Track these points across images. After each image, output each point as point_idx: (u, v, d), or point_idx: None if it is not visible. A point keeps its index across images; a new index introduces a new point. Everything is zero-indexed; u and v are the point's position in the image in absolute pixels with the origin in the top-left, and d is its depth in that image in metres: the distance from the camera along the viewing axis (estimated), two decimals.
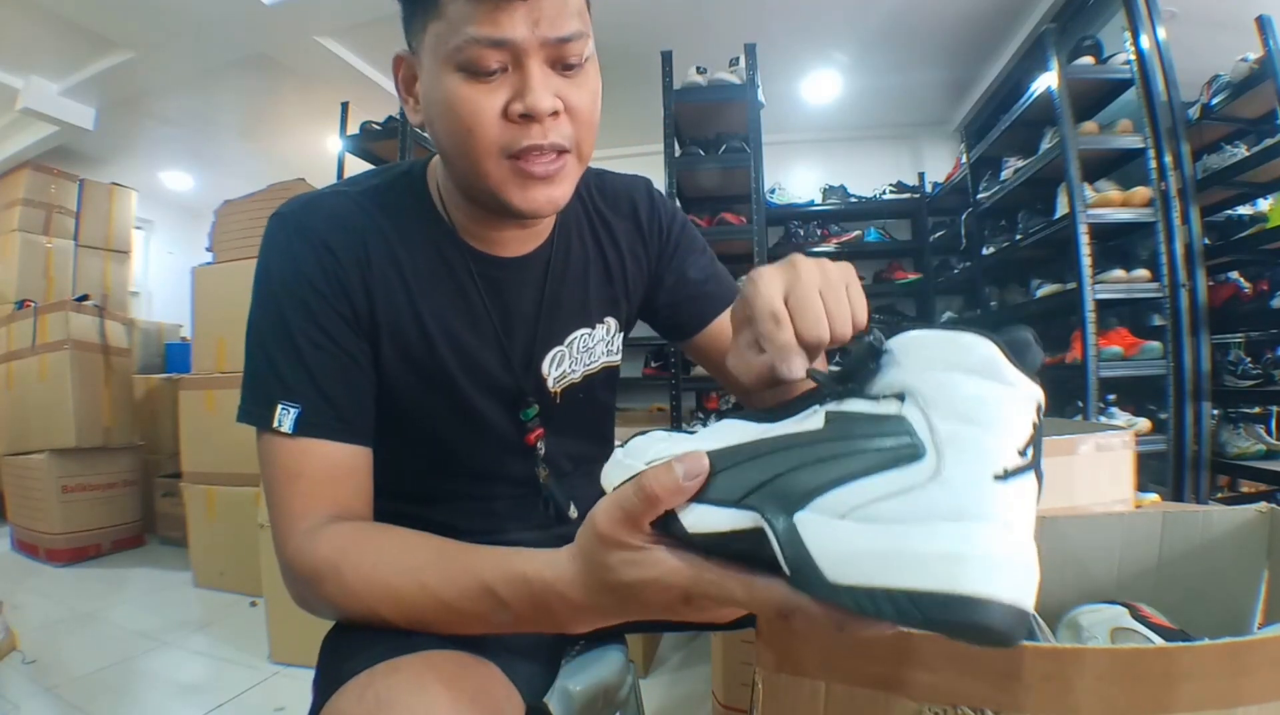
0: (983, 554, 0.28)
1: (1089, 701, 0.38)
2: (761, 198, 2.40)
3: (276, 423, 0.54)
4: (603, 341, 0.73)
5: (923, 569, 0.28)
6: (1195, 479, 2.07)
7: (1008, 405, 0.31)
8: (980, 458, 0.30)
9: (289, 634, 1.72)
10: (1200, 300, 2.09)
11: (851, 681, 0.44)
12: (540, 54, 0.51)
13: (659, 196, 0.77)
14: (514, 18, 0.49)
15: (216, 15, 2.71)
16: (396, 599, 0.48)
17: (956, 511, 0.29)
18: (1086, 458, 1.20)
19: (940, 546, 0.28)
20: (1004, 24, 3.02)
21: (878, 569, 0.29)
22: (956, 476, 0.29)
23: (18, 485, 2.85)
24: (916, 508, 0.29)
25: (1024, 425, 0.31)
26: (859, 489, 0.31)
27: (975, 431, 0.30)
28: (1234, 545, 0.67)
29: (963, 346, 0.32)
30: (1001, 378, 0.31)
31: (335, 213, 0.60)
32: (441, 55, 0.51)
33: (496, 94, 0.51)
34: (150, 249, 5.31)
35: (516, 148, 0.52)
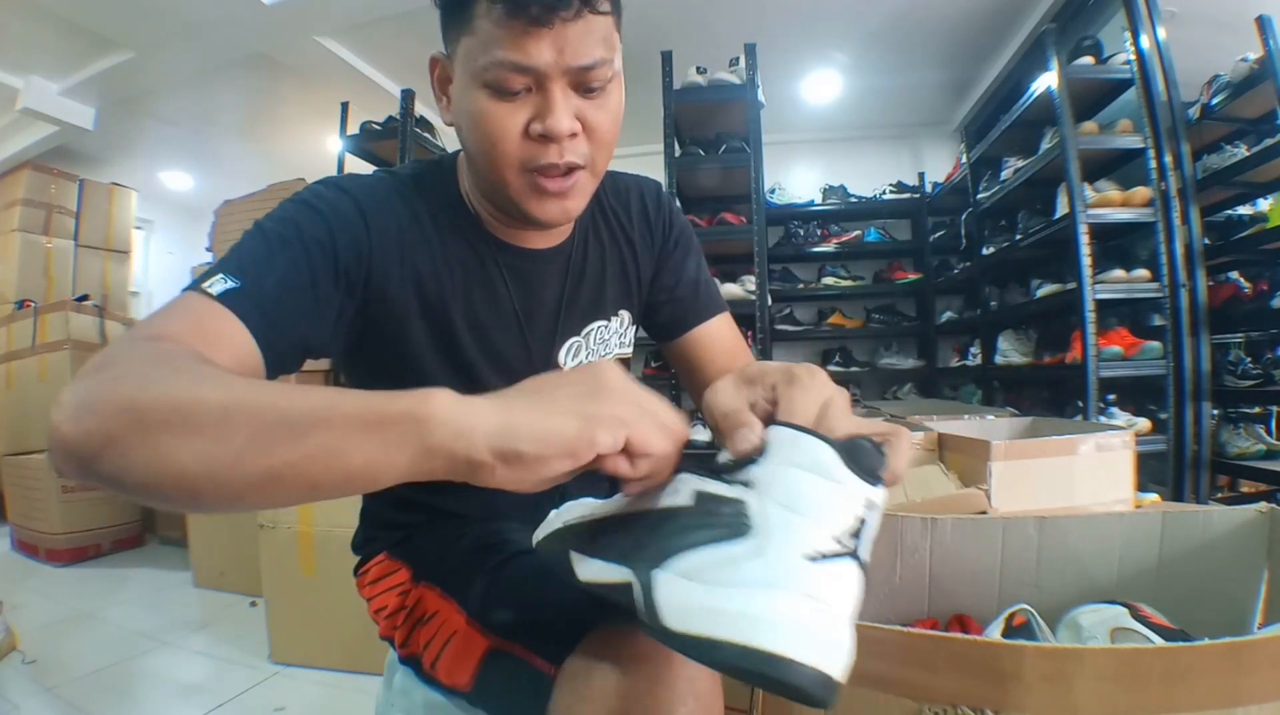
0: (778, 618, 0.33)
1: (1089, 701, 0.38)
2: (761, 198, 2.40)
3: (208, 285, 0.49)
4: (617, 333, 0.76)
5: (731, 624, 0.33)
6: (1195, 479, 2.07)
7: (830, 498, 0.36)
8: (794, 539, 0.35)
9: (289, 634, 1.72)
10: (1200, 300, 2.09)
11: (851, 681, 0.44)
12: (563, 79, 0.53)
13: (667, 198, 0.81)
14: (540, 45, 0.51)
15: (216, 15, 2.71)
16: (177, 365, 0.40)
17: (766, 581, 0.34)
18: (1086, 458, 1.20)
19: (747, 607, 0.34)
20: (1004, 24, 3.02)
21: (702, 621, 0.34)
22: (771, 552, 0.35)
23: (18, 485, 2.85)
24: (738, 575, 0.35)
25: (845, 518, 0.36)
26: (701, 555, 0.37)
27: (795, 517, 0.36)
28: (1234, 545, 0.67)
29: (801, 447, 0.38)
30: (830, 476, 0.37)
31: (377, 191, 0.62)
32: (470, 70, 0.54)
33: (519, 113, 0.54)
34: (150, 249, 5.30)
35: (534, 164, 0.55)
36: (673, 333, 0.79)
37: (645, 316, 0.81)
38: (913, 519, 0.74)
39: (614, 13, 0.56)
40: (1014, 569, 0.72)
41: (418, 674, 0.68)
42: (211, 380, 0.39)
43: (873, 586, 0.75)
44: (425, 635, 0.65)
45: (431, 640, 0.64)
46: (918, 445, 1.40)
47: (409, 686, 0.70)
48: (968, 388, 3.45)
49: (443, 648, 0.62)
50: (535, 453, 0.36)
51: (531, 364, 0.68)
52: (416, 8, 2.74)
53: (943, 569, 0.73)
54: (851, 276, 3.80)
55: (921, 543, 0.74)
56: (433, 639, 0.64)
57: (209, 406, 0.36)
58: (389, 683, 0.75)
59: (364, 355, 0.65)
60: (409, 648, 0.68)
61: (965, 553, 0.73)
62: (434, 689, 0.67)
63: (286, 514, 1.68)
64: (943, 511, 0.75)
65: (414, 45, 3.10)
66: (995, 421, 1.62)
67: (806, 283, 3.81)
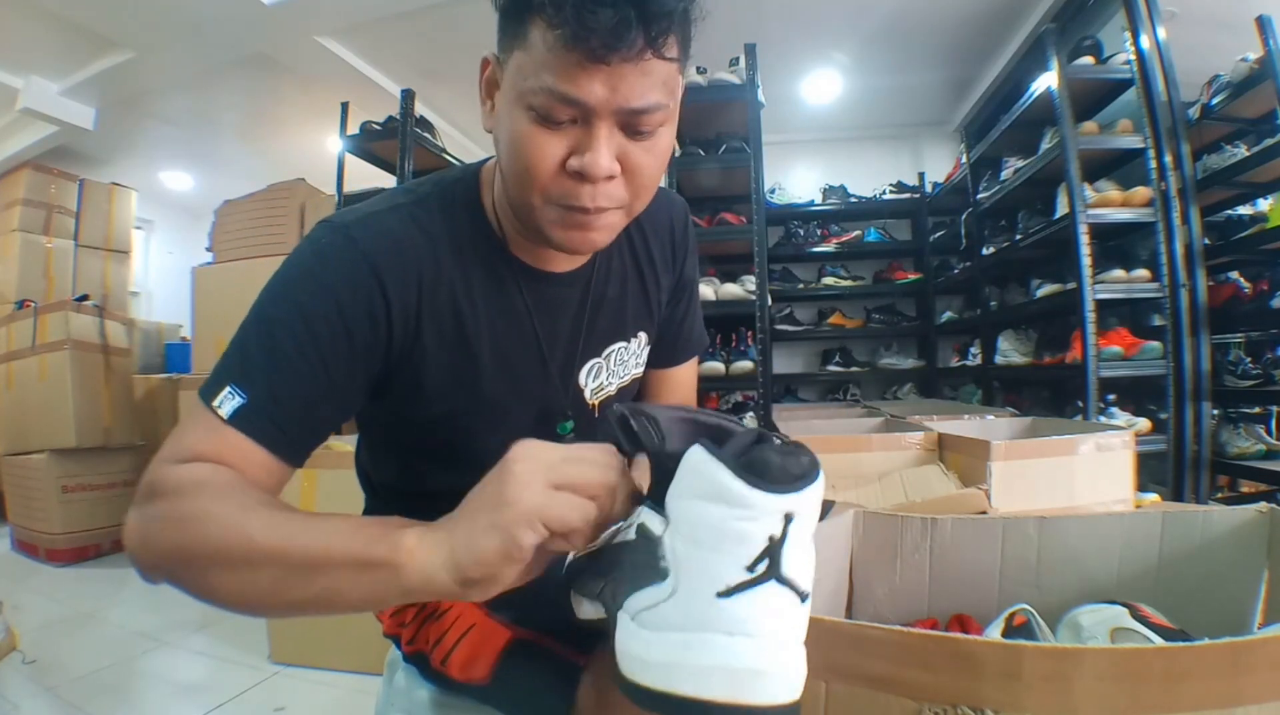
0: (696, 664, 0.33)
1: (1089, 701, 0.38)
2: (761, 198, 2.40)
3: (217, 403, 0.51)
4: (635, 354, 0.75)
5: (662, 674, 0.34)
6: (1195, 479, 2.07)
7: (730, 526, 0.34)
8: (702, 577, 0.34)
9: (289, 634, 1.72)
10: (1200, 300, 2.09)
11: (851, 681, 0.44)
12: (611, 118, 0.50)
13: (690, 224, 0.79)
14: (593, 81, 0.47)
15: (216, 15, 2.71)
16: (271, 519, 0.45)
17: (683, 625, 0.34)
18: (1086, 458, 1.20)
19: (669, 656, 0.34)
20: (1004, 24, 3.02)
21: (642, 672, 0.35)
22: (682, 594, 0.35)
23: (18, 485, 2.85)
24: (661, 620, 0.35)
25: (750, 545, 0.34)
26: (639, 598, 0.37)
27: (701, 553, 0.35)
28: (1234, 545, 0.67)
29: (699, 474, 0.35)
30: (729, 500, 0.34)
31: (391, 235, 0.57)
32: (517, 89, 0.50)
33: (559, 144, 0.50)
34: (150, 249, 5.31)
35: (565, 202, 0.53)
36: (653, 364, 0.80)
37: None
38: (913, 519, 0.74)
39: (680, 59, 0.52)
40: (1014, 569, 0.72)
41: (422, 671, 0.68)
42: (240, 523, 0.45)
43: (873, 586, 0.75)
44: (435, 631, 0.65)
45: (444, 636, 0.64)
46: (918, 445, 1.40)
47: (411, 685, 0.70)
48: (968, 388, 3.46)
49: (457, 641, 0.63)
50: (481, 575, 0.40)
51: (553, 387, 0.67)
52: (416, 8, 2.74)
53: (943, 569, 0.73)
54: (851, 276, 3.80)
55: (921, 543, 0.74)
56: (445, 634, 0.64)
57: (239, 553, 0.44)
58: (389, 681, 0.75)
59: (387, 398, 0.63)
60: (415, 645, 0.68)
61: (965, 553, 0.73)
62: (439, 686, 0.67)
63: None
64: (943, 511, 0.75)
65: (414, 45, 3.10)
66: (995, 421, 1.62)
67: (806, 283, 3.81)
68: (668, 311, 0.78)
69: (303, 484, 1.68)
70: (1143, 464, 1.34)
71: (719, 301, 2.44)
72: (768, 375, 2.33)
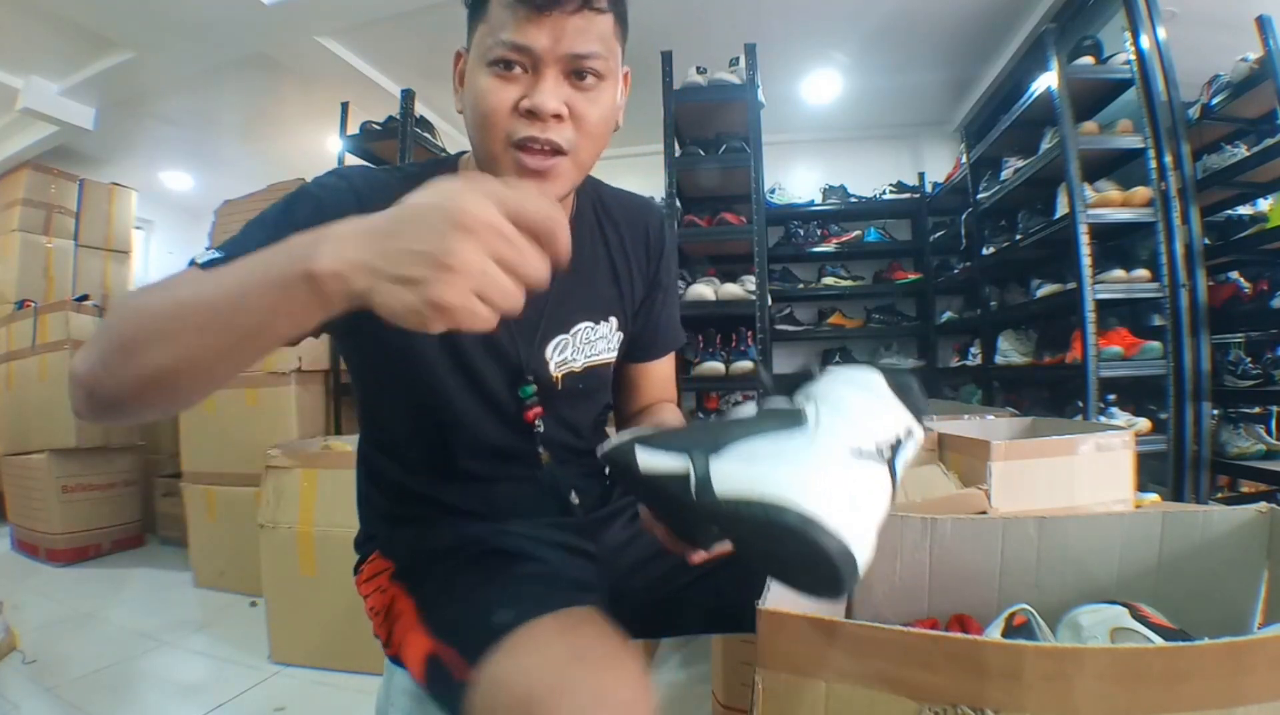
0: (816, 486, 0.39)
1: (1089, 701, 0.38)
2: (761, 198, 2.40)
3: (198, 256, 0.55)
4: (604, 338, 0.77)
5: (772, 486, 0.39)
6: (1195, 479, 2.07)
7: (872, 410, 0.44)
8: (841, 434, 0.42)
9: (289, 634, 1.72)
10: (1200, 300, 2.09)
11: (851, 681, 0.44)
12: (557, 65, 0.58)
13: (668, 229, 0.85)
14: (539, 30, 0.57)
15: (216, 15, 2.71)
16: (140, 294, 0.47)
17: (812, 461, 0.40)
18: (1086, 458, 1.20)
19: (790, 476, 0.39)
20: (1004, 24, 3.02)
21: (747, 485, 0.40)
22: (820, 440, 0.42)
23: (18, 485, 2.84)
24: (787, 455, 0.41)
25: (885, 429, 0.43)
26: (757, 444, 0.43)
27: (842, 420, 0.43)
28: (1234, 545, 0.67)
29: (857, 372, 0.46)
30: (875, 393, 0.45)
31: (378, 181, 0.66)
32: (479, 55, 0.60)
33: (513, 90, 0.59)
34: (150, 249, 5.30)
35: (517, 137, 0.59)
36: (628, 358, 0.83)
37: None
38: (913, 519, 0.74)
39: (614, 14, 0.61)
40: (1014, 569, 0.72)
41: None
42: (166, 293, 0.46)
43: (873, 586, 0.75)
44: (399, 633, 0.66)
45: (404, 639, 0.65)
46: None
47: (410, 685, 0.70)
48: (968, 388, 3.46)
49: (404, 647, 0.64)
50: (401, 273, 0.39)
51: (516, 351, 0.70)
52: (416, 8, 2.74)
53: (943, 569, 0.73)
54: (851, 276, 3.80)
55: (921, 543, 0.74)
56: (404, 638, 0.65)
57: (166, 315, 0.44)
58: (389, 682, 0.75)
59: (361, 340, 0.68)
60: (391, 647, 0.68)
61: (965, 553, 0.73)
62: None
63: (287, 514, 1.68)
64: (943, 511, 0.75)
65: (414, 45, 3.10)
66: (995, 421, 1.62)
67: (806, 283, 3.81)
68: (644, 309, 0.82)
69: (302, 484, 1.68)
70: (1143, 464, 1.34)
71: (719, 301, 2.44)
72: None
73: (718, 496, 0.41)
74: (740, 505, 0.40)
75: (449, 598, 0.63)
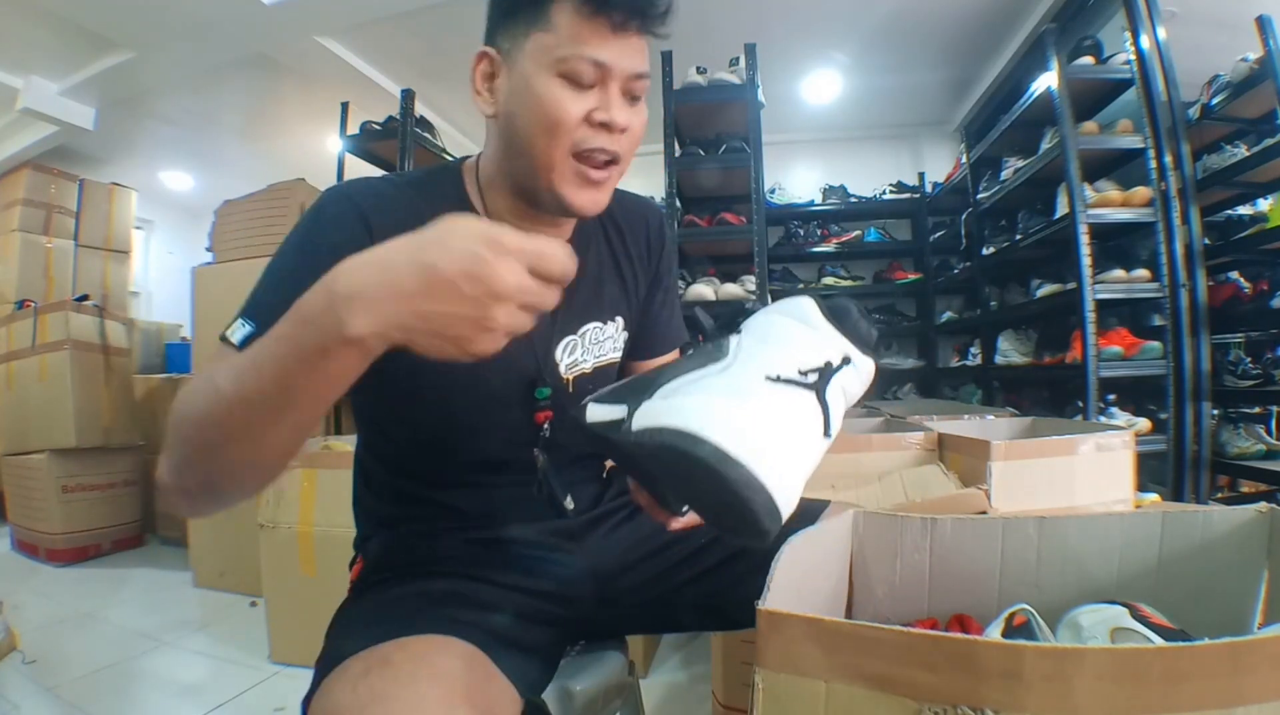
0: (721, 413, 0.37)
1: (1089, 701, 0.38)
2: (761, 198, 2.40)
3: (230, 332, 0.56)
4: (611, 338, 0.77)
5: (679, 416, 0.38)
6: (1195, 479, 2.07)
7: (799, 336, 0.42)
8: (758, 362, 0.40)
9: (289, 634, 1.72)
10: (1200, 300, 2.09)
11: (851, 681, 0.44)
12: (620, 81, 0.61)
13: (668, 229, 0.87)
14: (614, 47, 0.60)
15: (216, 15, 2.71)
16: (191, 399, 0.48)
17: (724, 390, 0.39)
18: (1086, 458, 1.20)
19: (698, 405, 0.38)
20: (1004, 24, 3.02)
21: (657, 418, 0.39)
22: (735, 370, 0.40)
23: (18, 485, 2.84)
24: (702, 386, 0.40)
25: (812, 355, 0.41)
26: (680, 380, 0.42)
27: (764, 347, 0.41)
28: (1234, 545, 0.67)
29: (790, 300, 0.44)
30: (805, 320, 0.42)
31: (381, 193, 0.66)
32: (545, 62, 0.60)
33: (584, 101, 0.61)
34: (150, 249, 5.30)
35: (586, 146, 0.61)
36: (632, 356, 0.84)
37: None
38: (913, 519, 0.74)
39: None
40: (1014, 569, 0.72)
41: None
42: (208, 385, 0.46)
43: (873, 586, 0.75)
44: None
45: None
46: (918, 445, 1.40)
47: None
48: (968, 388, 3.46)
49: None
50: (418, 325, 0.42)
51: (532, 357, 0.69)
52: (416, 8, 2.74)
53: (943, 569, 0.73)
54: (851, 276, 3.80)
55: (921, 543, 0.74)
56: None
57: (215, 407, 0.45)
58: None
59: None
60: None
61: (965, 553, 0.73)
62: None
63: (287, 514, 1.68)
64: (943, 511, 0.75)
65: (414, 45, 3.10)
66: (995, 421, 1.62)
67: (806, 283, 3.81)
68: (646, 307, 0.83)
69: (303, 485, 1.68)
70: (1143, 464, 1.34)
71: (719, 301, 2.44)
72: None
73: (633, 432, 0.41)
74: (645, 436, 0.40)
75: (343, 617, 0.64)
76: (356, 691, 0.46)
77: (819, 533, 0.62)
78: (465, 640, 0.55)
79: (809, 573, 0.61)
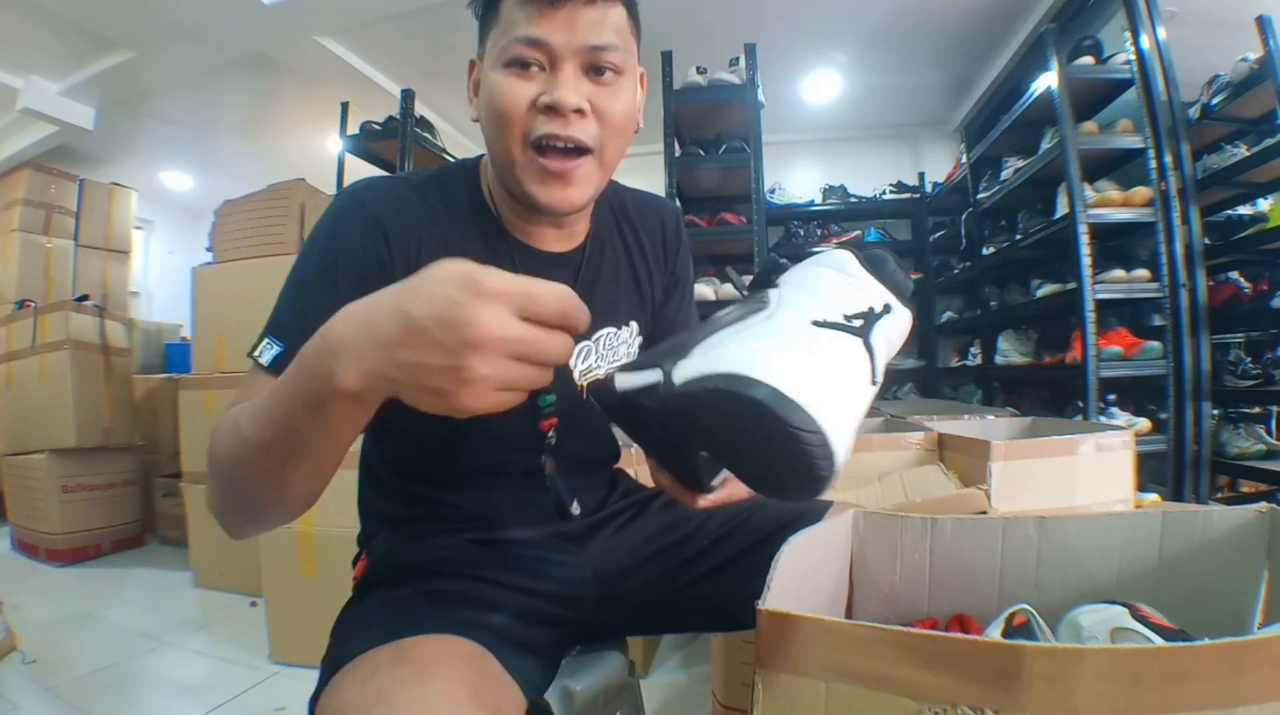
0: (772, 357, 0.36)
1: (1089, 701, 0.38)
2: (761, 198, 2.40)
3: (258, 353, 0.57)
4: (626, 343, 0.76)
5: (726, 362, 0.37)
6: (1195, 479, 2.07)
7: (841, 284, 0.42)
8: (803, 309, 0.40)
9: (289, 634, 1.72)
10: (1200, 300, 2.09)
11: (851, 681, 0.44)
12: (574, 59, 0.57)
13: (684, 229, 0.84)
14: (553, 23, 0.56)
15: (216, 15, 2.71)
16: (222, 438, 0.50)
17: (773, 334, 0.38)
18: (1086, 458, 1.20)
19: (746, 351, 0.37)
20: (1004, 24, 3.02)
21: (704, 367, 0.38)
22: (780, 317, 0.40)
23: (18, 485, 2.84)
24: (747, 334, 0.39)
25: (855, 301, 0.41)
26: (721, 334, 0.41)
27: (806, 296, 0.41)
28: (1234, 545, 0.67)
29: (826, 253, 0.44)
30: (844, 270, 0.42)
31: (397, 197, 0.64)
32: (494, 56, 0.59)
33: (530, 86, 0.57)
34: (150, 249, 5.31)
35: (535, 134, 0.58)
36: None
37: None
38: (913, 519, 0.74)
39: (624, 5, 0.60)
40: (1014, 569, 0.72)
41: None
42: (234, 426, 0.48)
43: (873, 586, 0.75)
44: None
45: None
46: (918, 445, 1.40)
47: None
48: (968, 388, 3.46)
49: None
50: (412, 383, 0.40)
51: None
52: (416, 8, 2.74)
53: (943, 569, 0.73)
54: None
55: (921, 543, 0.74)
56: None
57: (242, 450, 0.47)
58: None
59: None
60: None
61: (965, 553, 0.73)
62: None
63: None
64: (943, 511, 0.75)
65: (414, 45, 3.10)
66: (995, 421, 1.62)
67: None
68: (662, 308, 0.81)
69: None
70: (1143, 464, 1.34)
71: (719, 301, 2.44)
72: None
73: (675, 388, 0.39)
74: (692, 386, 0.38)
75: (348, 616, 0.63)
76: (364, 691, 0.45)
77: (819, 533, 0.62)
78: (471, 640, 0.54)
79: (809, 573, 0.61)
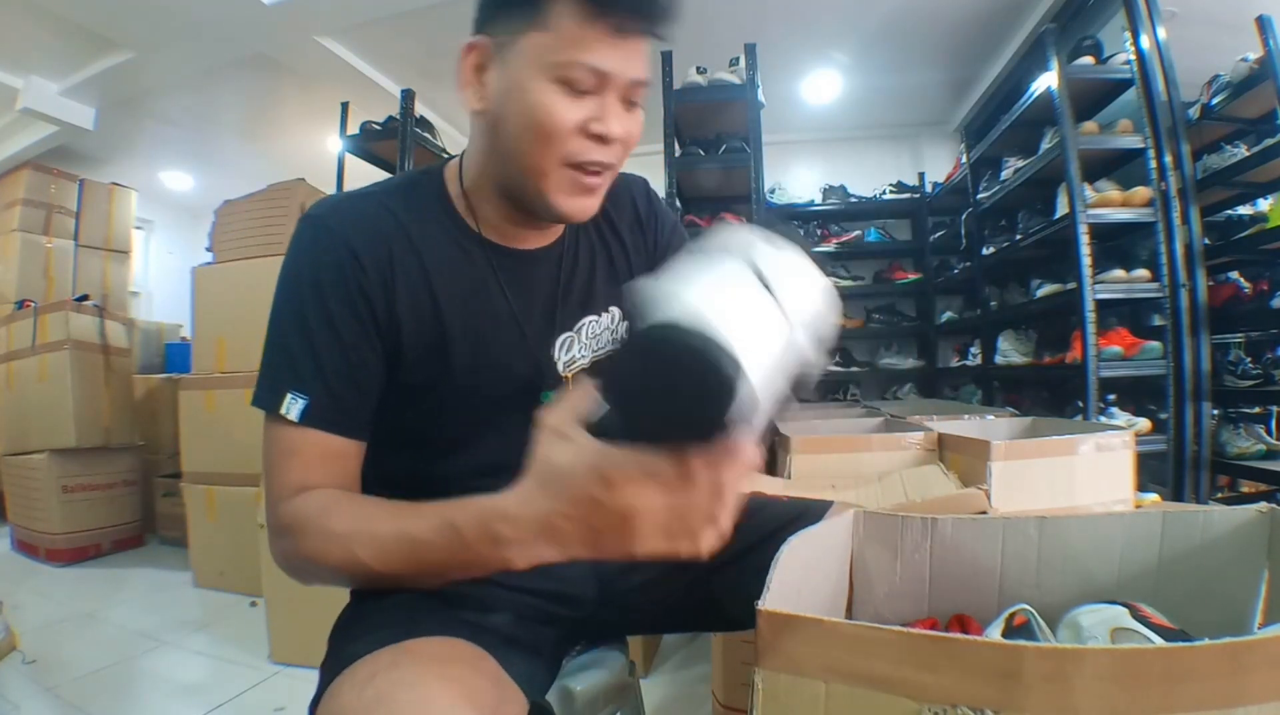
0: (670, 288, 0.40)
1: (1089, 701, 0.38)
2: (761, 198, 2.40)
3: (284, 410, 0.58)
4: (608, 329, 0.76)
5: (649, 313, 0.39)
6: (1195, 479, 2.07)
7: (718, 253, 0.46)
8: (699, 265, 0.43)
9: (289, 634, 1.72)
10: (1200, 300, 2.08)
11: (851, 681, 0.44)
12: (620, 89, 0.59)
13: (655, 195, 0.83)
14: (618, 52, 0.57)
15: (216, 15, 2.71)
16: (373, 536, 0.53)
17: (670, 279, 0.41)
18: (1086, 458, 1.20)
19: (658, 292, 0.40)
20: (1004, 24, 3.02)
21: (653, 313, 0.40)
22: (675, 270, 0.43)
23: (18, 485, 2.85)
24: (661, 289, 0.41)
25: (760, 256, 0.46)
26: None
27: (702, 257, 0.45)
28: (1234, 545, 0.67)
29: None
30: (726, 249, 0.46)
31: (361, 215, 0.64)
32: (540, 65, 0.57)
33: (580, 109, 0.58)
34: (150, 249, 5.31)
35: (580, 159, 0.59)
36: None
37: None
38: (913, 519, 0.74)
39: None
40: (1014, 569, 0.72)
41: None
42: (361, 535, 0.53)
43: (873, 586, 0.75)
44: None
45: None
46: (918, 445, 1.40)
47: None
48: (968, 388, 3.46)
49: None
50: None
51: (531, 360, 0.69)
52: (416, 8, 2.74)
53: (943, 569, 0.73)
54: (851, 276, 3.80)
55: (921, 543, 0.74)
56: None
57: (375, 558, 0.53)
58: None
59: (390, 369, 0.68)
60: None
61: (965, 553, 0.73)
62: None
63: None
64: (943, 511, 0.75)
65: (414, 45, 3.10)
66: (995, 421, 1.62)
67: None
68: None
69: None
70: (1143, 464, 1.34)
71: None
72: None
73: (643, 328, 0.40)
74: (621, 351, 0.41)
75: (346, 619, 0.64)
76: (363, 695, 0.45)
77: (819, 533, 0.63)
78: (471, 642, 0.54)
79: (809, 573, 0.61)
